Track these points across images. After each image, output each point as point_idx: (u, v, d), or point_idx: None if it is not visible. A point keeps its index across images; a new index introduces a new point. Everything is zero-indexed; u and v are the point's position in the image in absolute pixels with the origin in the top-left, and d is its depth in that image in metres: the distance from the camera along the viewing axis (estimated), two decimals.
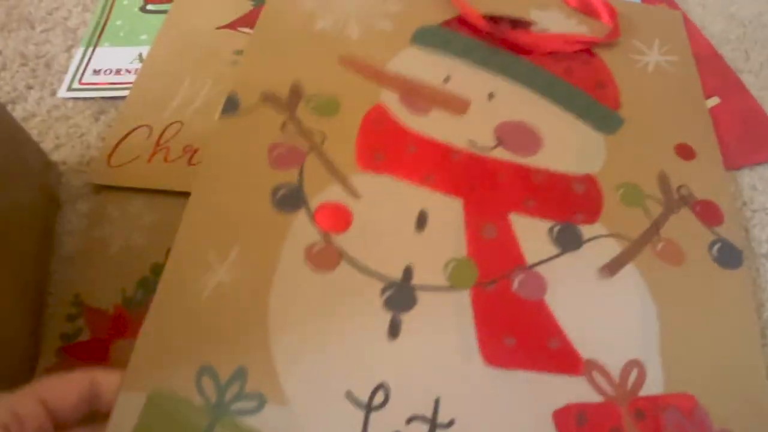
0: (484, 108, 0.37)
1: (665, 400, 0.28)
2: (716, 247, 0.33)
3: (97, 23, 0.43)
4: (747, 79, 0.43)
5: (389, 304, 0.29)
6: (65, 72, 0.40)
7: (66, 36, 0.42)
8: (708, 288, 0.32)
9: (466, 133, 0.35)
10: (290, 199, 0.31)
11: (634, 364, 0.29)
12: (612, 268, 0.31)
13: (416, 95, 0.36)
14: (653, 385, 0.28)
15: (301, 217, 0.31)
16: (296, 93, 0.35)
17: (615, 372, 0.28)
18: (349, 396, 0.26)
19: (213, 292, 0.28)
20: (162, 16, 0.43)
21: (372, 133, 0.34)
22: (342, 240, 0.30)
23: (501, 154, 0.35)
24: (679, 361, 0.29)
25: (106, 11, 0.44)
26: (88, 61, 0.41)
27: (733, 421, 0.28)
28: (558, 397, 0.27)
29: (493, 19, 0.41)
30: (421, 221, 0.31)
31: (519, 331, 0.29)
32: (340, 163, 0.33)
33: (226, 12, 0.43)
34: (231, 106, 0.34)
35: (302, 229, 0.30)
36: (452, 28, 0.41)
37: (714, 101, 0.41)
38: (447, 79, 0.37)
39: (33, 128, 0.37)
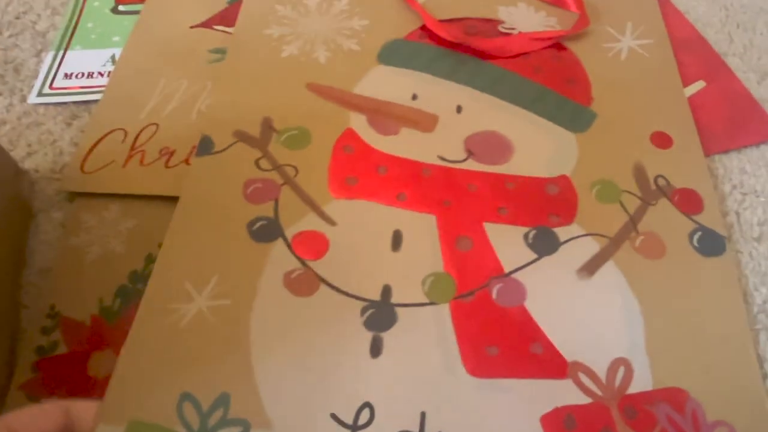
0: (452, 122, 0.36)
1: (655, 395, 0.27)
2: (697, 235, 0.32)
3: (67, 26, 0.42)
4: (732, 62, 0.42)
5: (370, 323, 0.29)
6: (35, 77, 0.39)
7: (35, 40, 0.41)
8: (691, 279, 0.31)
9: (436, 149, 0.35)
10: (267, 231, 0.31)
11: (620, 362, 0.28)
12: (590, 267, 0.31)
13: (384, 116, 0.36)
14: (642, 382, 0.28)
15: (278, 247, 0.31)
16: (268, 128, 0.35)
17: (601, 372, 0.28)
18: (335, 417, 0.26)
19: (193, 319, 0.28)
20: (134, 17, 0.42)
21: (343, 159, 0.34)
22: (320, 266, 0.30)
23: (472, 165, 0.34)
24: (666, 356, 0.29)
25: (77, 13, 0.43)
26: (58, 66, 0.40)
27: (728, 412, 0.27)
28: (545, 402, 0.27)
29: (459, 21, 0.41)
30: (396, 241, 0.31)
31: (501, 340, 0.29)
32: (313, 193, 0.33)
33: (200, 10, 0.42)
34: (205, 146, 0.34)
35: (280, 257, 0.30)
36: (417, 39, 0.40)
37: (700, 85, 0.41)
38: (414, 97, 0.37)
39: (3, 136, 0.36)
